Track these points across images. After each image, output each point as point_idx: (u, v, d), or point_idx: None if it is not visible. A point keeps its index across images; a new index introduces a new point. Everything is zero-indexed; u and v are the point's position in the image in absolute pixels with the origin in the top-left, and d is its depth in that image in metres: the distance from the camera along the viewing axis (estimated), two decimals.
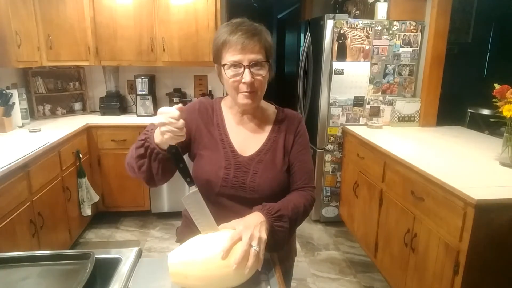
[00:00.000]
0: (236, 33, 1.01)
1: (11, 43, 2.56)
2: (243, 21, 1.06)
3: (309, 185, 1.17)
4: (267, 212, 0.98)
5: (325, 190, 3.29)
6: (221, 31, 1.05)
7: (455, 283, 1.67)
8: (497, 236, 1.60)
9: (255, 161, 1.12)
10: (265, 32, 1.06)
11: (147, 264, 0.99)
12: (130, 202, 3.28)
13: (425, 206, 1.91)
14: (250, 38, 1.01)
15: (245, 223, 0.93)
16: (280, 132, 1.17)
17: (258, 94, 1.08)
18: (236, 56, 1.01)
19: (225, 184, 1.09)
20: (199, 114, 1.18)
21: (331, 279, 2.58)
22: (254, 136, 1.16)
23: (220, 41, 1.04)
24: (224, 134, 1.15)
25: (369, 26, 2.96)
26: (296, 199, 1.10)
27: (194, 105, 1.20)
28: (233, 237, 0.88)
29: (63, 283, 0.89)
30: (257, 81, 1.04)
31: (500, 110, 1.90)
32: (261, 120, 1.18)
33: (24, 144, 2.33)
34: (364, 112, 3.14)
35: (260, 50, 1.03)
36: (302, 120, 1.23)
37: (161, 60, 3.31)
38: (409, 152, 2.24)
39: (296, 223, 1.08)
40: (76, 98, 3.61)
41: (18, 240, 2.01)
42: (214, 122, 1.17)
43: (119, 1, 3.17)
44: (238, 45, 1.00)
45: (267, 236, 0.94)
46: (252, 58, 1.01)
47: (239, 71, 1.02)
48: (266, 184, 1.09)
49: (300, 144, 1.18)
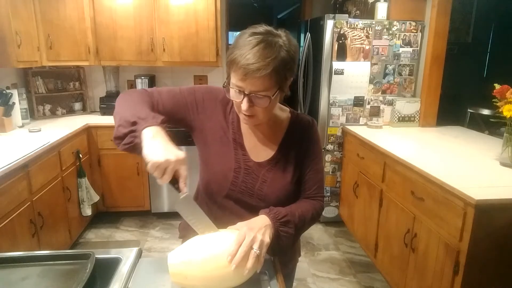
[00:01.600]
0: (247, 55, 0.89)
1: (11, 43, 2.56)
2: (259, 40, 0.91)
3: (319, 195, 1.14)
4: (274, 216, 0.97)
5: (325, 190, 3.29)
6: (240, 42, 0.94)
7: (455, 283, 1.67)
8: (497, 236, 1.60)
9: (265, 168, 1.08)
10: (282, 53, 0.92)
11: (147, 264, 0.99)
12: (130, 202, 3.28)
13: (425, 206, 1.91)
14: (256, 69, 0.89)
15: (250, 225, 0.92)
16: (294, 140, 1.12)
17: (259, 118, 1.00)
18: (238, 82, 0.93)
19: (234, 188, 1.07)
20: (220, 104, 1.12)
21: (331, 279, 2.58)
22: (267, 142, 1.11)
23: (232, 55, 0.93)
24: (238, 135, 1.10)
25: (369, 26, 2.96)
26: (305, 206, 1.08)
27: (218, 93, 1.13)
28: (239, 240, 0.86)
29: (63, 283, 0.89)
30: (257, 109, 0.96)
31: (500, 110, 1.90)
32: (275, 126, 1.12)
33: (24, 144, 2.33)
34: (364, 112, 3.14)
35: (263, 83, 0.91)
36: (315, 126, 1.17)
37: (161, 60, 3.31)
38: (409, 152, 2.24)
39: (302, 230, 1.06)
40: (76, 98, 3.61)
41: (18, 240, 2.01)
42: (230, 119, 1.12)
43: (119, 2, 3.17)
44: (243, 72, 0.90)
45: (272, 240, 0.93)
46: (253, 90, 0.92)
47: (241, 96, 0.95)
48: (274, 194, 1.07)
49: (313, 152, 1.13)
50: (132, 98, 1.02)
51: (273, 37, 0.93)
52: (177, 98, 1.09)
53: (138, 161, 3.17)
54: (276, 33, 0.95)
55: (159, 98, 1.08)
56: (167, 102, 1.08)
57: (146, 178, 3.25)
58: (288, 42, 0.95)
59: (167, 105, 1.07)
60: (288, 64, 0.94)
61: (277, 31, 0.96)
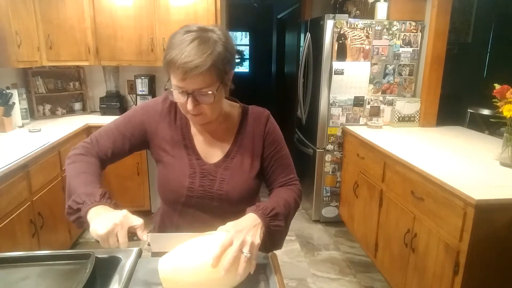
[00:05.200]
0: (183, 53, 0.88)
1: (11, 43, 2.56)
2: (193, 37, 0.90)
3: (293, 179, 1.13)
4: (262, 212, 0.94)
5: (325, 190, 3.29)
6: (174, 42, 0.92)
7: (455, 283, 1.67)
8: (497, 236, 1.60)
9: (221, 168, 1.07)
10: (218, 48, 0.91)
11: (147, 264, 0.99)
12: (130, 202, 3.28)
13: (425, 206, 1.91)
14: (195, 66, 0.87)
15: (238, 227, 0.89)
16: (247, 134, 1.10)
17: (208, 116, 0.99)
18: (179, 82, 0.91)
19: (191, 194, 1.05)
20: (162, 116, 1.10)
21: (331, 279, 2.58)
22: (220, 140, 1.10)
23: (168, 56, 0.91)
24: (189, 140, 1.09)
25: (369, 26, 2.96)
26: (286, 194, 1.07)
27: (156, 104, 1.11)
28: (224, 244, 0.84)
29: (63, 283, 0.89)
30: (204, 106, 0.96)
31: (500, 110, 1.90)
32: (226, 123, 1.11)
33: (24, 144, 2.33)
34: (364, 112, 3.14)
35: (204, 80, 0.90)
36: (270, 117, 1.14)
37: (161, 60, 3.27)
38: (409, 152, 2.24)
39: (289, 219, 1.05)
40: (76, 98, 3.61)
41: (18, 240, 2.01)
42: (178, 125, 1.10)
43: (119, 2, 3.17)
44: (182, 72, 0.89)
45: (265, 237, 0.92)
46: (195, 88, 0.91)
47: (184, 97, 0.93)
48: (235, 191, 1.05)
49: (272, 143, 1.11)
50: (74, 171, 1.02)
51: (207, 32, 0.93)
52: (117, 137, 1.10)
53: (138, 161, 3.17)
54: (210, 29, 0.95)
55: (100, 147, 1.09)
56: (108, 146, 1.09)
57: (146, 178, 3.25)
58: (223, 36, 0.95)
59: (111, 148, 1.09)
60: (226, 57, 0.93)
61: (210, 27, 0.96)
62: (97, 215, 0.89)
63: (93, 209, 0.90)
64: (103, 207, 0.91)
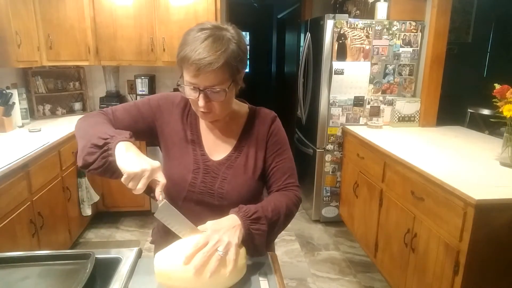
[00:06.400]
0: (197, 50, 0.90)
1: (11, 43, 2.56)
2: (207, 34, 0.92)
3: (291, 184, 1.10)
4: (243, 215, 0.93)
5: (325, 190, 3.29)
6: (188, 38, 0.95)
7: (455, 283, 1.67)
8: (497, 236, 1.60)
9: (224, 166, 1.07)
10: (232, 46, 0.93)
11: (147, 264, 0.99)
12: (130, 202, 3.28)
13: (425, 206, 1.91)
14: (208, 63, 0.89)
15: (216, 226, 0.89)
16: (252, 135, 1.11)
17: (217, 114, 1.01)
18: (192, 79, 0.93)
19: (192, 189, 1.05)
20: (177, 108, 1.13)
21: (331, 279, 2.58)
22: (225, 138, 1.11)
23: (182, 52, 0.94)
24: (196, 136, 1.10)
25: (369, 26, 2.96)
26: (277, 199, 1.04)
27: (174, 97, 1.15)
28: (197, 243, 0.84)
29: (63, 283, 0.89)
30: (214, 104, 0.97)
31: (500, 110, 1.90)
32: (233, 122, 1.12)
33: (24, 144, 2.33)
34: (364, 112, 3.14)
35: (216, 77, 0.92)
36: (276, 119, 1.14)
37: (161, 60, 3.31)
38: (409, 152, 2.24)
39: (277, 225, 1.01)
40: (76, 98, 3.61)
41: (18, 240, 2.01)
42: (188, 121, 1.12)
43: (119, 1, 3.17)
44: (195, 68, 0.90)
45: (248, 240, 0.92)
46: (207, 85, 0.93)
47: (196, 93, 0.95)
48: (235, 191, 1.05)
49: (275, 144, 1.11)
50: (91, 123, 1.02)
51: (221, 31, 0.94)
52: (133, 113, 1.10)
53: None
54: (224, 27, 0.96)
55: (115, 117, 1.08)
56: (124, 118, 1.09)
57: None
58: (237, 35, 0.96)
59: (125, 121, 1.08)
60: (238, 56, 0.95)
61: (224, 25, 0.97)
62: (128, 150, 0.88)
63: (123, 142, 0.89)
64: (133, 146, 0.91)
